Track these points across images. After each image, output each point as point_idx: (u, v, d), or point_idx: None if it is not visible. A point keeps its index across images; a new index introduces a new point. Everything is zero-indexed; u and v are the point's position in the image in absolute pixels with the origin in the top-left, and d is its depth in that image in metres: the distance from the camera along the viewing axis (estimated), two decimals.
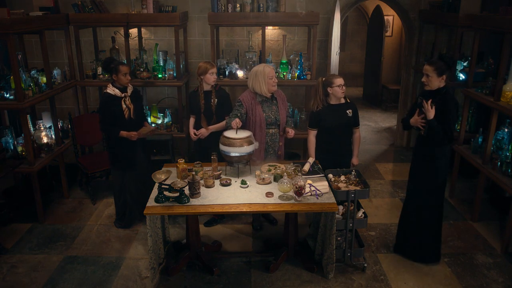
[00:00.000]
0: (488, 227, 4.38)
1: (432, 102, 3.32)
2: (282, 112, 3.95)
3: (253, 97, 3.88)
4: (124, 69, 3.89)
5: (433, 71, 3.34)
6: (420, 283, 3.55)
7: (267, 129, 3.92)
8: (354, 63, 10.76)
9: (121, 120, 3.95)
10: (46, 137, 4.63)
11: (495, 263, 3.81)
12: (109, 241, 4.16)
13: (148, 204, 3.23)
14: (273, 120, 3.91)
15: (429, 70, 3.37)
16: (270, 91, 3.85)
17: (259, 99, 3.88)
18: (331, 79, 3.84)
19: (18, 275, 3.66)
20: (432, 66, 3.36)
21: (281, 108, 3.96)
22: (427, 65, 3.40)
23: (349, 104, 3.98)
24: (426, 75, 3.38)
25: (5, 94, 4.13)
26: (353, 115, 3.95)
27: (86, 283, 3.56)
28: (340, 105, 3.92)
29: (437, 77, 3.35)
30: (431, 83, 3.39)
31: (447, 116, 3.35)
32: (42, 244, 4.11)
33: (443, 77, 3.36)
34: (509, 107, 3.87)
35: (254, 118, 3.86)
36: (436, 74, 3.34)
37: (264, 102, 3.90)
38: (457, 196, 5.00)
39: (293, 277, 3.56)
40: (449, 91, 3.43)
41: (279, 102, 3.96)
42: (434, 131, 3.36)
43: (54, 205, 4.82)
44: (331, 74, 4.01)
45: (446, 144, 3.46)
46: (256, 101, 3.87)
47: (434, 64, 3.36)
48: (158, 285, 3.52)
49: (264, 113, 3.87)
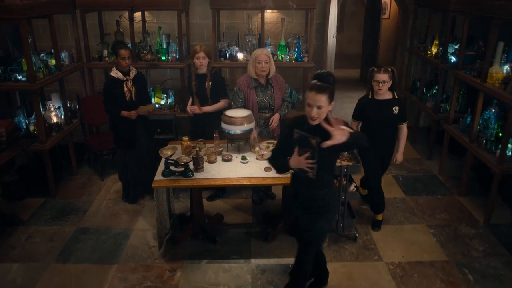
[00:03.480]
0: (473, 201, 4.66)
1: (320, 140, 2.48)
2: (277, 97, 4.10)
3: (248, 81, 4.06)
4: (122, 53, 4.08)
5: (327, 100, 2.54)
6: (406, 251, 3.85)
7: (261, 113, 4.12)
8: (352, 45, 10.91)
9: (123, 102, 4.18)
10: (56, 117, 4.88)
11: (477, 234, 4.10)
12: (117, 214, 4.45)
13: (156, 178, 3.50)
14: (266, 104, 4.10)
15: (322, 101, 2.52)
16: (258, 75, 3.99)
17: (254, 84, 4.04)
18: (374, 72, 3.66)
19: (35, 244, 3.96)
20: (324, 94, 2.52)
21: (276, 93, 4.10)
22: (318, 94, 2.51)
23: (396, 100, 3.75)
24: (318, 106, 2.52)
25: (18, 76, 4.35)
26: (400, 112, 3.75)
27: (98, 251, 3.86)
28: (384, 101, 3.73)
29: (328, 105, 2.57)
30: (322, 114, 2.57)
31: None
32: (55, 217, 4.39)
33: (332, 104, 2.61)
34: (494, 88, 4.10)
35: (248, 102, 4.07)
36: (328, 102, 2.56)
37: (258, 87, 4.06)
38: (446, 173, 5.26)
39: (289, 246, 3.85)
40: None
41: (275, 87, 4.11)
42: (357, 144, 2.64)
43: (64, 182, 5.09)
44: (380, 67, 3.65)
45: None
46: (251, 86, 4.05)
47: (325, 91, 2.53)
48: (165, 253, 3.81)
49: (257, 98, 4.06)
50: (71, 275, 3.57)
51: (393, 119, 3.77)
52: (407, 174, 5.28)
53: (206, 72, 4.22)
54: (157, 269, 3.63)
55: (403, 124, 3.85)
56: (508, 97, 3.83)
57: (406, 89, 6.40)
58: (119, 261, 3.73)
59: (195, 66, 4.22)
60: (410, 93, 6.24)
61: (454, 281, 3.49)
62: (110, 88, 4.16)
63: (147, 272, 3.59)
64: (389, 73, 3.64)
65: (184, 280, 3.49)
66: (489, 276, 3.54)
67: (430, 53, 5.65)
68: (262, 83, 4.06)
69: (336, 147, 2.45)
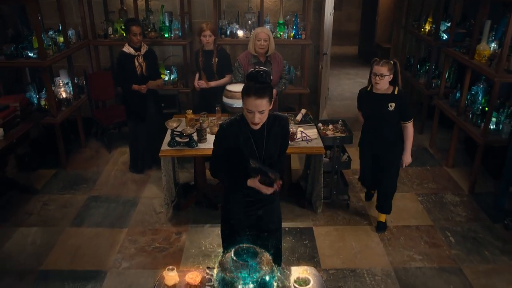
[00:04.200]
0: (460, 172, 4.95)
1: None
2: (274, 74, 4.27)
3: (248, 58, 4.27)
4: (134, 30, 4.31)
5: (267, 102, 2.34)
6: (395, 216, 4.15)
7: None
8: (350, 22, 11.03)
9: (134, 76, 4.42)
10: (65, 93, 5.12)
11: (461, 201, 4.41)
12: (125, 184, 4.74)
13: (162, 148, 3.78)
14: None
15: (263, 105, 2.32)
16: (257, 52, 4.18)
17: (253, 60, 4.25)
18: (373, 64, 3.41)
19: (50, 211, 4.26)
20: (265, 97, 2.31)
21: (274, 71, 4.27)
22: (259, 99, 2.29)
23: (395, 96, 3.44)
24: (260, 112, 2.34)
25: (29, 53, 4.57)
26: (397, 109, 3.44)
27: (109, 217, 4.17)
28: (382, 95, 3.48)
29: (270, 106, 2.39)
30: (264, 118, 2.42)
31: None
32: (67, 186, 4.69)
33: (272, 102, 2.44)
34: (480, 65, 4.33)
35: (245, 78, 4.29)
36: (269, 104, 2.38)
37: (257, 63, 4.25)
38: (437, 146, 5.54)
39: (287, 212, 4.15)
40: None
41: (273, 65, 4.28)
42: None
43: (73, 154, 5.37)
44: (380, 59, 3.42)
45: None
46: (250, 62, 4.26)
47: (265, 94, 2.32)
48: (171, 218, 4.12)
49: None
50: (85, 237, 3.89)
51: (387, 116, 3.48)
52: None
53: (212, 48, 4.45)
54: (164, 232, 3.95)
55: (406, 123, 3.52)
56: (492, 73, 4.07)
57: (400, 66, 6.60)
58: (128, 225, 4.05)
59: (201, 43, 4.44)
60: (405, 69, 6.45)
61: (436, 243, 3.80)
62: (122, 63, 4.40)
63: (155, 235, 3.91)
64: (389, 66, 3.36)
65: (189, 242, 3.81)
66: (469, 238, 3.86)
67: (424, 31, 5.85)
68: (261, 60, 4.28)
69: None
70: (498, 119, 4.40)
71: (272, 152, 2.54)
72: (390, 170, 3.74)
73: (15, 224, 4.05)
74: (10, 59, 4.52)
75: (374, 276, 3.43)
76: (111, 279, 3.41)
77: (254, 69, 2.38)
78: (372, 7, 9.15)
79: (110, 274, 3.45)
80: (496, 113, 4.41)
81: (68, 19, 5.97)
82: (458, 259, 3.61)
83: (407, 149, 3.65)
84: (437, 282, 3.37)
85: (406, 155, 3.68)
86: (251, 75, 2.36)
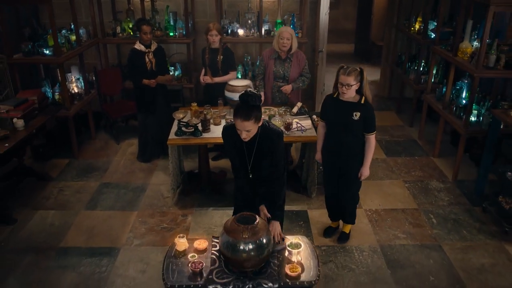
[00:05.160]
0: (445, 161, 5.31)
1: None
2: (293, 70, 4.59)
3: (271, 54, 4.62)
4: (145, 28, 4.67)
5: (254, 123, 2.64)
6: (383, 200, 4.53)
7: (276, 81, 4.68)
8: (347, 21, 11.38)
9: (144, 71, 4.78)
10: (77, 88, 5.48)
11: (445, 188, 4.78)
12: (134, 172, 5.11)
13: (170, 137, 4.14)
14: (281, 75, 4.63)
15: (249, 126, 2.63)
16: (280, 49, 4.50)
17: (274, 56, 4.59)
18: (339, 72, 3.29)
19: (66, 196, 4.63)
20: (251, 119, 2.60)
21: (294, 66, 4.58)
22: (245, 121, 2.61)
23: (361, 106, 3.32)
24: (247, 130, 2.67)
25: (45, 51, 4.93)
26: (362, 120, 3.33)
27: (120, 201, 4.53)
28: (347, 103, 3.35)
29: (258, 125, 2.70)
30: (252, 134, 2.73)
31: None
32: (80, 174, 5.06)
33: (261, 120, 2.73)
34: (462, 61, 4.69)
35: (266, 71, 4.65)
36: (256, 124, 2.68)
37: (277, 59, 4.59)
38: (425, 138, 5.90)
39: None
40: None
41: (293, 62, 4.59)
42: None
43: (84, 146, 5.73)
44: (346, 67, 3.28)
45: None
46: (271, 57, 4.61)
47: (251, 117, 2.60)
48: (177, 202, 4.49)
49: (274, 68, 4.61)
50: (99, 219, 4.25)
51: (352, 125, 3.36)
52: (390, 139, 5.93)
53: (218, 47, 4.80)
54: (171, 214, 4.32)
55: (369, 135, 3.40)
56: (472, 69, 4.43)
57: (392, 63, 6.98)
58: (138, 208, 4.41)
59: (208, 42, 4.79)
60: (396, 66, 6.82)
61: (420, 223, 4.17)
62: (133, 59, 4.76)
63: (163, 217, 4.28)
64: (355, 74, 3.22)
65: (194, 222, 4.18)
66: (450, 219, 4.23)
67: (414, 30, 6.21)
68: (282, 57, 4.58)
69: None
70: (479, 111, 4.76)
71: (260, 163, 2.80)
72: (351, 181, 3.61)
73: (34, 207, 4.42)
74: (28, 56, 4.89)
75: (362, 252, 3.80)
76: (124, 254, 3.78)
77: (245, 92, 2.60)
78: (367, 7, 9.51)
79: (123, 250, 3.82)
80: (478, 106, 4.78)
81: (78, 19, 6.32)
82: (438, 238, 3.98)
83: (366, 161, 3.50)
84: (418, 257, 3.74)
85: (364, 168, 3.53)
86: (243, 97, 2.58)
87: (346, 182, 3.63)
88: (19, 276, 3.53)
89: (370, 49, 9.82)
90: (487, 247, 3.86)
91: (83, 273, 3.57)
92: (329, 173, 3.74)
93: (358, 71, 3.25)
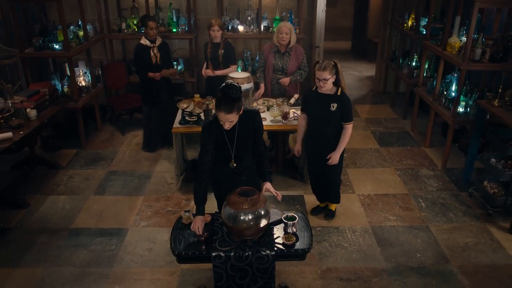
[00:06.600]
0: (436, 151, 5.57)
1: None
2: (291, 64, 4.82)
3: (271, 47, 4.86)
4: (150, 24, 4.93)
5: (236, 115, 2.79)
6: (375, 186, 4.79)
7: (275, 73, 4.91)
8: (345, 19, 11.64)
9: (150, 65, 5.04)
10: (84, 81, 5.74)
11: (434, 175, 5.04)
12: (139, 161, 5.37)
13: (174, 126, 4.40)
14: (280, 67, 4.86)
15: (232, 117, 2.77)
16: (279, 43, 4.74)
17: (274, 49, 4.83)
18: (315, 67, 3.54)
19: (75, 183, 4.90)
20: (233, 111, 2.72)
21: (292, 60, 4.80)
22: (228, 114, 2.73)
23: (337, 97, 3.61)
24: (230, 122, 2.79)
25: (55, 45, 5.19)
26: (339, 110, 3.61)
27: (127, 187, 4.80)
28: (325, 96, 3.64)
29: (238, 115, 2.82)
30: (234, 123, 2.87)
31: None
32: (88, 163, 5.32)
33: (241, 110, 2.81)
34: (450, 55, 4.95)
35: (266, 63, 4.90)
36: (238, 114, 2.81)
37: (277, 52, 4.82)
38: (417, 129, 6.16)
39: (281, 183, 4.79)
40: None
41: (292, 55, 4.81)
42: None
43: (91, 137, 5.99)
44: (321, 62, 3.53)
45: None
46: (271, 51, 4.86)
47: (233, 109, 2.71)
48: (180, 188, 4.75)
49: (273, 61, 4.85)
50: (108, 203, 4.52)
51: (330, 116, 3.63)
52: (384, 130, 6.19)
53: (220, 41, 5.06)
54: (175, 199, 4.58)
55: (346, 124, 3.68)
56: (459, 62, 4.70)
57: (387, 59, 7.24)
58: (144, 194, 4.68)
59: (211, 37, 5.04)
60: (391, 62, 7.08)
61: (409, 207, 4.44)
62: (139, 53, 5.02)
63: (167, 201, 4.54)
64: (330, 68, 3.48)
65: None
66: (437, 203, 4.50)
67: (407, 26, 6.47)
68: (281, 50, 4.82)
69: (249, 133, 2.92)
70: (467, 103, 5.02)
71: (243, 142, 2.92)
72: (332, 166, 3.85)
73: (46, 193, 4.68)
74: (39, 50, 5.15)
75: (354, 232, 4.07)
76: (132, 234, 4.04)
77: (226, 84, 2.70)
78: (364, 5, 9.77)
79: (131, 231, 4.09)
80: (466, 98, 5.04)
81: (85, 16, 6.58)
82: (426, 220, 4.24)
83: (338, 148, 3.75)
84: (407, 237, 4.01)
85: (335, 153, 3.76)
86: (224, 90, 2.65)
87: (328, 167, 3.89)
88: (34, 254, 3.80)
89: (366, 46, 10.08)
90: (472, 228, 4.12)
91: (94, 251, 3.84)
92: (312, 160, 4.08)
93: (333, 64, 3.51)
